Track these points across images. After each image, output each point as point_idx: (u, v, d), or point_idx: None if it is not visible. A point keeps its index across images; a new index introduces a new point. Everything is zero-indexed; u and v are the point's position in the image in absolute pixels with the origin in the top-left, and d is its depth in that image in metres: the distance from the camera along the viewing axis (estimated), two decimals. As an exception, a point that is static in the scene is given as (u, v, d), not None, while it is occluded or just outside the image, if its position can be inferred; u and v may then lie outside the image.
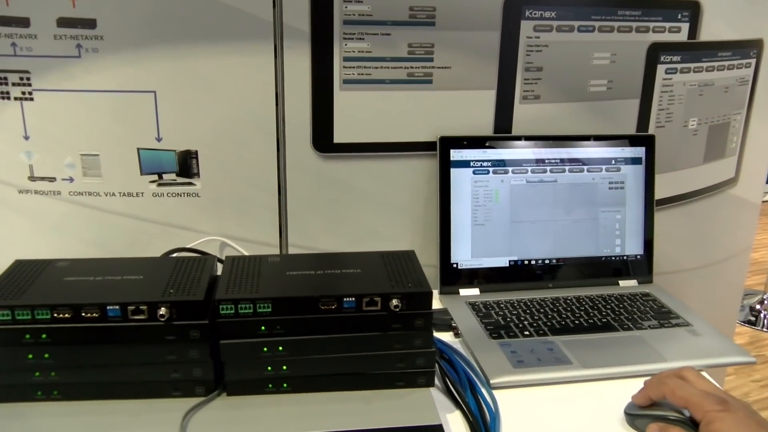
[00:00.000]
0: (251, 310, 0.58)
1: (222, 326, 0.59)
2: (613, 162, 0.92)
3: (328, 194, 0.87)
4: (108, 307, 0.57)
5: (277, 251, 0.88)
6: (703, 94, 1.00)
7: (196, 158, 0.83)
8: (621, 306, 0.85)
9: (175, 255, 0.81)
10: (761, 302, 2.42)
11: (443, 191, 0.87)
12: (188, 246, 0.83)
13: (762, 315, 2.39)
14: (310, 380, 0.61)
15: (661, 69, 0.95)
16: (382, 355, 0.61)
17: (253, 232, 0.87)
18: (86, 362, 0.58)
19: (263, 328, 0.59)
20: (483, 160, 0.88)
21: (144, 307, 0.57)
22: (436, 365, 0.65)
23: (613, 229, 0.92)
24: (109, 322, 0.57)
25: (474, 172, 0.88)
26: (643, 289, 0.91)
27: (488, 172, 0.88)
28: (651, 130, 0.96)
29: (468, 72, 0.86)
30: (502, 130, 0.89)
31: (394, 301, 0.59)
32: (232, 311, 0.58)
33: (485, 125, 0.89)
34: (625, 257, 0.93)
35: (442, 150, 0.87)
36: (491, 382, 0.68)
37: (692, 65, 0.97)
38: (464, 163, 0.88)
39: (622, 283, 0.93)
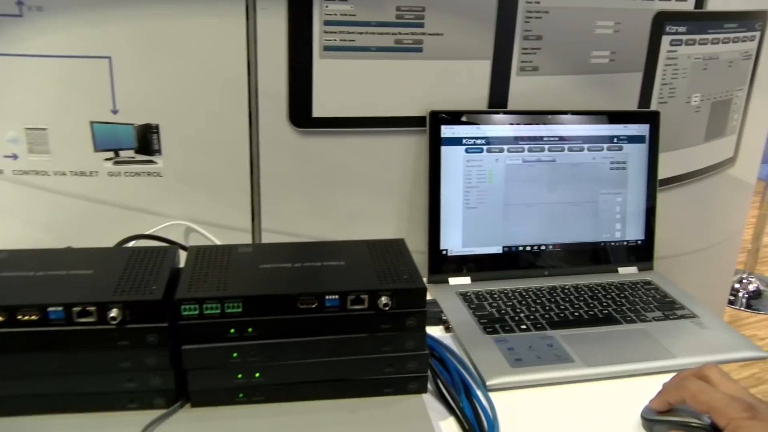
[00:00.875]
0: (218, 311, 0.52)
1: (184, 329, 0.52)
2: (615, 140, 0.85)
3: (306, 174, 0.81)
4: (49, 309, 0.50)
5: (249, 237, 0.81)
6: (707, 69, 0.94)
7: (157, 133, 0.76)
8: (622, 296, 0.80)
9: (132, 244, 0.74)
10: (740, 281, 2.42)
11: (433, 171, 0.81)
12: (148, 232, 0.76)
13: (740, 294, 2.39)
14: (286, 389, 0.55)
15: (666, 40, 0.88)
16: (370, 359, 0.55)
17: (222, 215, 0.80)
18: (26, 372, 0.52)
19: (233, 330, 0.53)
20: (476, 138, 0.81)
21: (92, 309, 0.50)
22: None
23: (613, 212, 0.86)
24: (51, 326, 0.50)
25: (466, 151, 0.81)
26: (644, 277, 0.86)
27: (482, 151, 0.82)
28: (653, 106, 0.91)
29: (462, 40, 0.79)
30: (498, 105, 0.83)
31: (383, 299, 0.54)
32: (196, 312, 0.52)
33: (479, 99, 0.82)
34: (625, 243, 0.88)
35: (431, 126, 0.80)
36: (488, 383, 0.62)
37: (698, 37, 0.91)
38: (456, 141, 0.81)
39: (621, 270, 0.87)
